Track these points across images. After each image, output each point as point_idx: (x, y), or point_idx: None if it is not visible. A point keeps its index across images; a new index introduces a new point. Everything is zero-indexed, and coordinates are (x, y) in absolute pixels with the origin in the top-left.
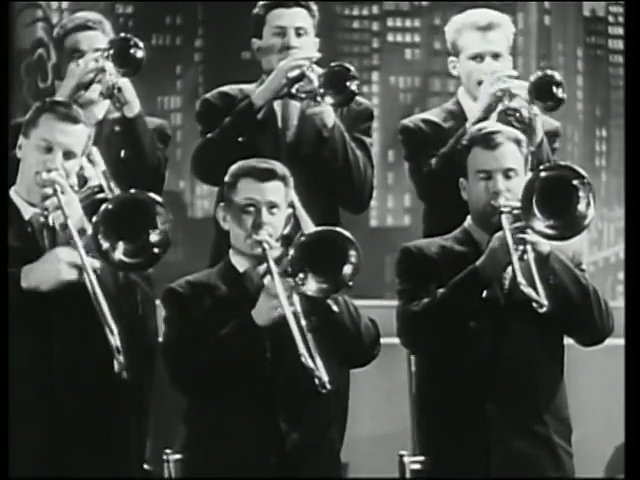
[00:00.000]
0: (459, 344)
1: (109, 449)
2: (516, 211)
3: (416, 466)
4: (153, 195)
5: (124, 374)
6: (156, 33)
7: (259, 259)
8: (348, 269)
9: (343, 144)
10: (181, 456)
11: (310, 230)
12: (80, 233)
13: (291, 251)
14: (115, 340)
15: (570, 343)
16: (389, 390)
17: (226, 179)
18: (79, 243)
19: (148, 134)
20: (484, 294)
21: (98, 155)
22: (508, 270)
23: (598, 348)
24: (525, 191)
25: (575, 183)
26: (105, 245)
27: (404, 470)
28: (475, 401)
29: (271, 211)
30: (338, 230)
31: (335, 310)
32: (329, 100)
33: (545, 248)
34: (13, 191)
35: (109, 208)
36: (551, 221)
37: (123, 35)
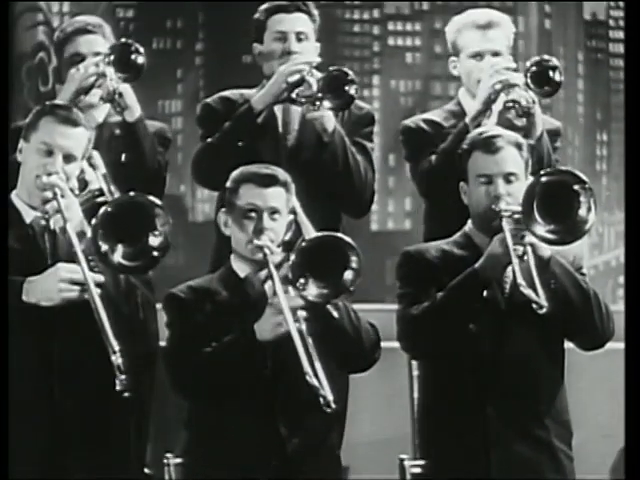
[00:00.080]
0: (459, 347)
1: (109, 453)
2: (517, 215)
3: (416, 470)
4: (152, 198)
5: (126, 394)
6: (157, 37)
7: (260, 264)
8: (349, 274)
9: (343, 149)
10: (182, 460)
11: (311, 235)
12: (80, 236)
13: (292, 256)
14: (117, 359)
15: (570, 347)
16: (389, 394)
17: (228, 184)
18: (78, 247)
19: (149, 138)
20: (484, 294)
21: (99, 158)
22: (509, 274)
23: (598, 352)
24: (526, 196)
25: (576, 188)
26: (104, 248)
27: (404, 474)
28: (476, 405)
29: (272, 217)
30: (339, 235)
31: (335, 316)
32: (328, 104)
33: (546, 252)
34: (14, 194)
35: (108, 211)
36: (552, 226)
37: (124, 40)
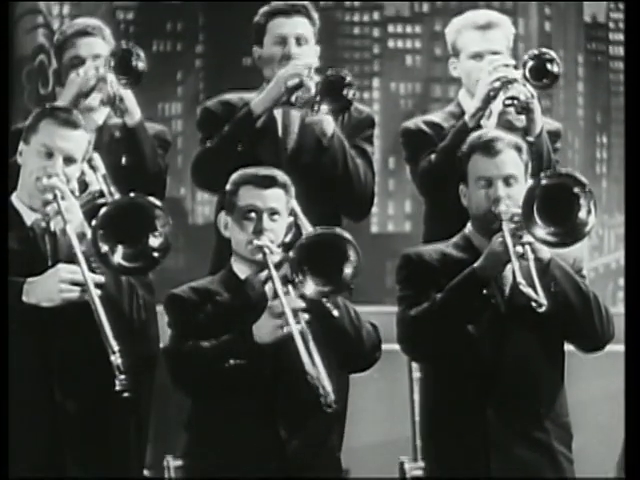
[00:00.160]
0: (459, 349)
1: (109, 455)
2: (516, 218)
3: (417, 472)
4: (152, 199)
5: (125, 394)
6: (157, 39)
7: (260, 266)
8: (348, 271)
9: (343, 152)
10: (182, 462)
11: (309, 232)
12: (80, 238)
13: (291, 253)
14: (116, 359)
15: (570, 349)
16: (390, 396)
17: (227, 187)
18: (78, 249)
19: (149, 142)
20: (484, 295)
21: (99, 160)
22: (508, 276)
23: (598, 354)
24: (526, 198)
25: (576, 191)
26: (104, 249)
27: (405, 476)
28: (475, 407)
29: (272, 218)
30: (338, 232)
31: (336, 315)
32: (326, 108)
33: (546, 255)
34: (14, 197)
35: (108, 212)
36: (552, 228)
37: (125, 46)
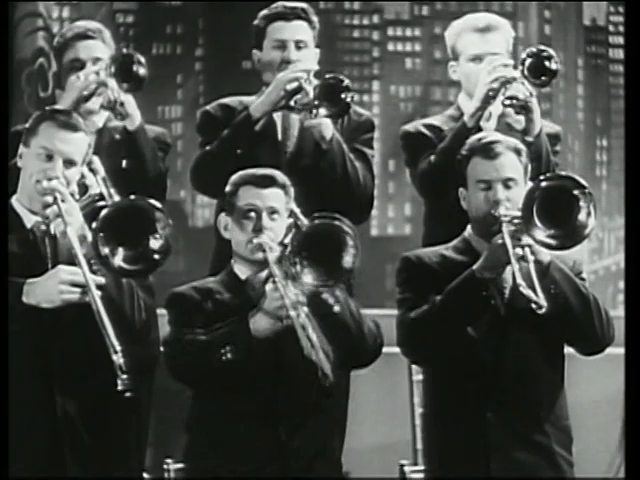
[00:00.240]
0: (459, 352)
1: (109, 458)
2: (516, 220)
3: (417, 475)
4: (152, 201)
5: (127, 394)
6: (157, 42)
7: (260, 266)
8: (348, 260)
9: (342, 156)
10: (182, 465)
11: (307, 223)
12: (80, 240)
13: (289, 244)
14: (118, 359)
15: (570, 352)
16: (390, 399)
17: (227, 188)
18: (80, 253)
19: (149, 146)
20: (483, 297)
21: (99, 163)
22: (508, 279)
23: (598, 357)
24: (526, 201)
25: (576, 193)
26: (105, 251)
27: (405, 479)
28: (475, 410)
29: (272, 217)
30: (336, 221)
31: (337, 310)
32: (324, 112)
33: (546, 258)
34: (14, 199)
35: (109, 214)
36: (552, 231)
37: (126, 51)
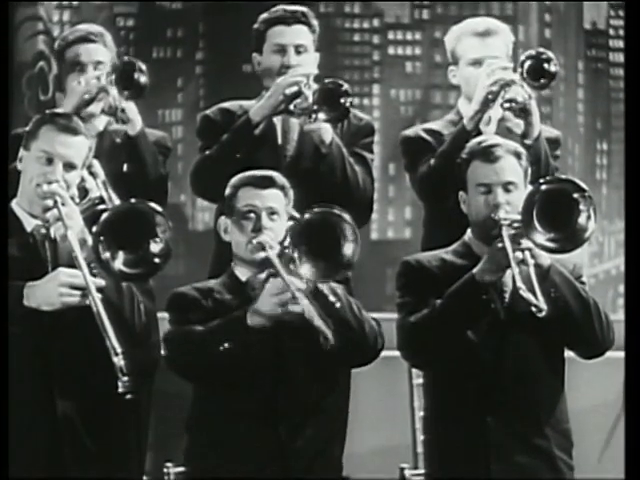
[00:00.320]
0: (459, 356)
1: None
2: (516, 224)
3: (417, 479)
4: (153, 205)
5: (128, 395)
6: (157, 46)
7: (260, 267)
8: (348, 250)
9: (341, 160)
10: (182, 469)
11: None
12: (81, 244)
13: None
14: (119, 361)
15: (570, 356)
16: (390, 403)
17: (227, 191)
18: (80, 256)
19: (150, 150)
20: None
21: (99, 167)
22: (508, 283)
23: (598, 361)
24: (526, 204)
25: (576, 196)
26: (105, 255)
27: None
28: (476, 414)
29: (271, 217)
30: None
31: (338, 306)
32: (323, 116)
33: (546, 261)
34: (15, 203)
35: (109, 218)
36: (552, 234)
37: (127, 59)
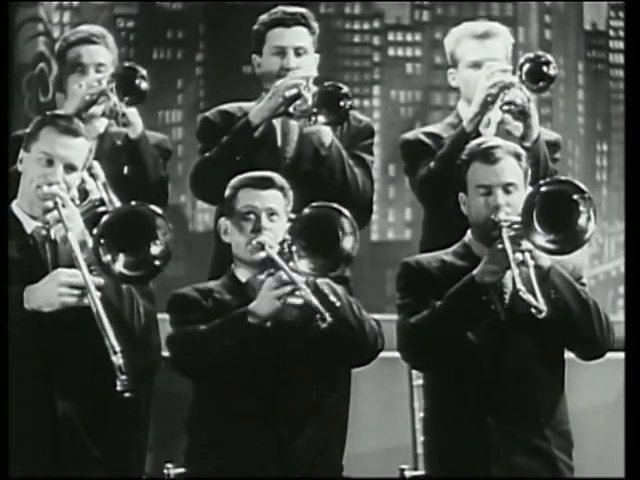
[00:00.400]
0: (459, 357)
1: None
2: (516, 225)
3: None
4: (153, 207)
5: (127, 394)
6: (157, 47)
7: (261, 268)
8: (347, 241)
9: (341, 162)
10: (182, 470)
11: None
12: (81, 246)
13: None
14: (117, 360)
15: (571, 357)
16: (390, 404)
17: (226, 192)
18: (80, 257)
19: (151, 153)
20: (483, 301)
21: (99, 168)
22: (508, 284)
23: (599, 362)
24: (525, 206)
25: (575, 198)
26: (106, 258)
27: None
28: (476, 414)
29: (271, 218)
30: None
31: (337, 306)
32: (323, 119)
33: (546, 263)
34: (15, 204)
35: (109, 220)
36: (551, 236)
37: (128, 65)
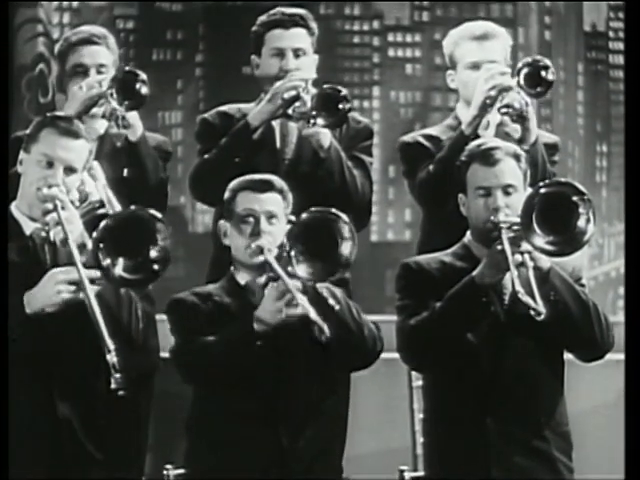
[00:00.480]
0: (459, 358)
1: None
2: (516, 227)
3: None
4: (153, 212)
5: (120, 392)
6: (157, 48)
7: (260, 271)
8: (346, 247)
9: (340, 164)
10: (182, 471)
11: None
12: (80, 248)
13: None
14: (112, 358)
15: (570, 358)
16: (389, 405)
17: (225, 195)
18: (78, 259)
19: (151, 156)
20: (483, 303)
21: (99, 169)
22: (508, 286)
23: (598, 363)
24: (525, 207)
25: (575, 199)
26: (105, 262)
27: None
28: (475, 416)
29: (270, 221)
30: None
31: (336, 309)
32: (321, 122)
33: (545, 264)
34: (14, 206)
35: (109, 225)
36: (551, 237)
37: (128, 69)
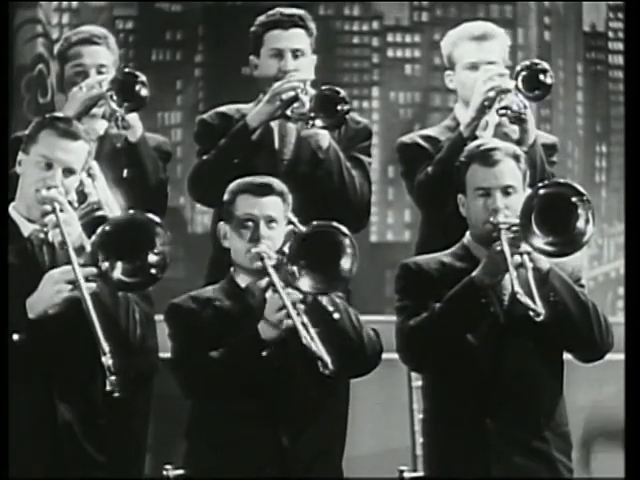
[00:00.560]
0: (459, 359)
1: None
2: (515, 228)
3: None
4: (152, 216)
5: (116, 394)
6: (156, 48)
7: (260, 274)
8: (346, 261)
9: (338, 165)
10: (182, 471)
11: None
12: (79, 251)
13: (286, 251)
14: (107, 360)
15: (570, 358)
16: (389, 406)
17: (225, 197)
18: (76, 263)
19: (151, 157)
20: (482, 304)
21: (98, 170)
22: (508, 286)
23: (598, 363)
24: (524, 208)
25: (574, 200)
26: (104, 265)
27: None
28: (475, 417)
29: (270, 225)
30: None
31: (336, 317)
32: (320, 123)
33: (545, 265)
34: (12, 207)
35: (107, 229)
36: (550, 238)
37: (128, 71)
